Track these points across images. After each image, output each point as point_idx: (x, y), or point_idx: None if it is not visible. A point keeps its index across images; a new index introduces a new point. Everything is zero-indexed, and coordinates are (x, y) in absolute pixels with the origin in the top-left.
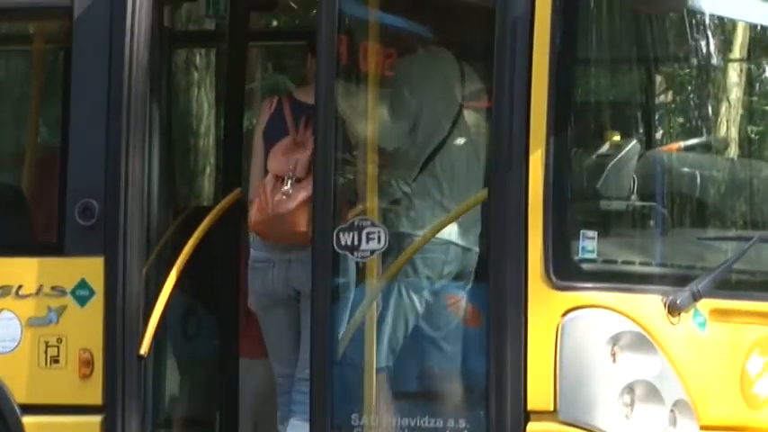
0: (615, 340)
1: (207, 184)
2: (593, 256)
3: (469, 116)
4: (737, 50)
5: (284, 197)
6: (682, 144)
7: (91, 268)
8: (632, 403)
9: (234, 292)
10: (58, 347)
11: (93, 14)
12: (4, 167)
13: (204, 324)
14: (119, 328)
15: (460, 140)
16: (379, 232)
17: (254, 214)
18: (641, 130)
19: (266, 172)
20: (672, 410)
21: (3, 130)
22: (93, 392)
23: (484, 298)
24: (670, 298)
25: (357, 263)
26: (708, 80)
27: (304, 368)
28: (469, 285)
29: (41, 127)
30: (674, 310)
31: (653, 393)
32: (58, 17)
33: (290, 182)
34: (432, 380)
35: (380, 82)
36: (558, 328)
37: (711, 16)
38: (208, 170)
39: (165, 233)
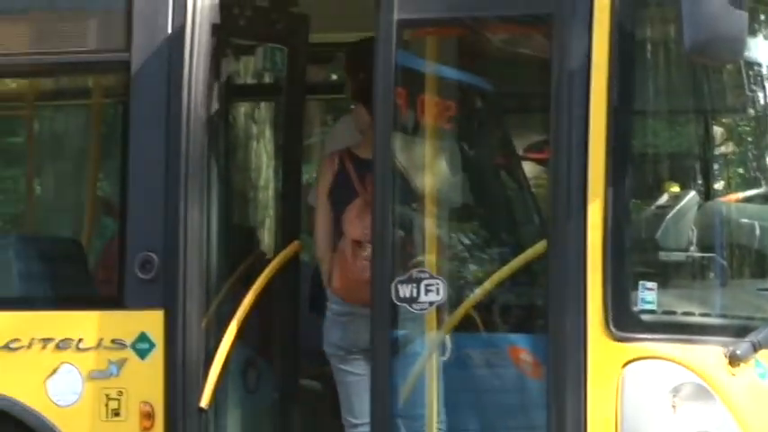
0: (676, 391)
1: (266, 236)
2: (653, 306)
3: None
4: None
5: (366, 262)
6: (741, 195)
7: (151, 321)
8: None
9: (294, 344)
10: (119, 400)
11: (150, 68)
12: (64, 221)
13: (264, 376)
14: (179, 381)
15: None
16: (437, 284)
17: (336, 279)
18: (700, 181)
19: (339, 233)
20: None
21: (63, 185)
22: None
23: (544, 349)
24: (730, 349)
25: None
26: (766, 130)
27: None
28: (530, 337)
29: (101, 181)
30: (734, 360)
31: None
32: (116, 71)
33: (369, 246)
34: None
35: (439, 134)
36: (618, 380)
37: None
38: (267, 222)
39: (225, 285)
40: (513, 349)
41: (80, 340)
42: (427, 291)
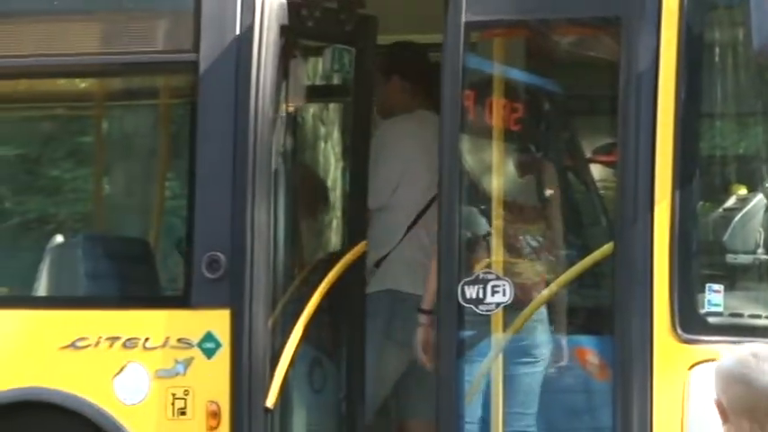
0: None
1: (333, 236)
2: (720, 309)
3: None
4: None
5: None
6: None
7: (217, 320)
8: None
9: (360, 345)
10: (186, 399)
11: (218, 69)
12: (132, 221)
13: (330, 376)
14: (245, 380)
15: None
16: (504, 285)
17: None
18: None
19: None
20: None
21: (131, 184)
22: None
23: (611, 351)
24: None
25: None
26: None
27: None
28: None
29: (168, 181)
30: None
31: None
32: (184, 72)
33: None
34: None
35: (506, 136)
36: (684, 382)
37: None
38: (334, 223)
39: (291, 285)
40: (580, 351)
41: (147, 339)
42: (494, 292)
